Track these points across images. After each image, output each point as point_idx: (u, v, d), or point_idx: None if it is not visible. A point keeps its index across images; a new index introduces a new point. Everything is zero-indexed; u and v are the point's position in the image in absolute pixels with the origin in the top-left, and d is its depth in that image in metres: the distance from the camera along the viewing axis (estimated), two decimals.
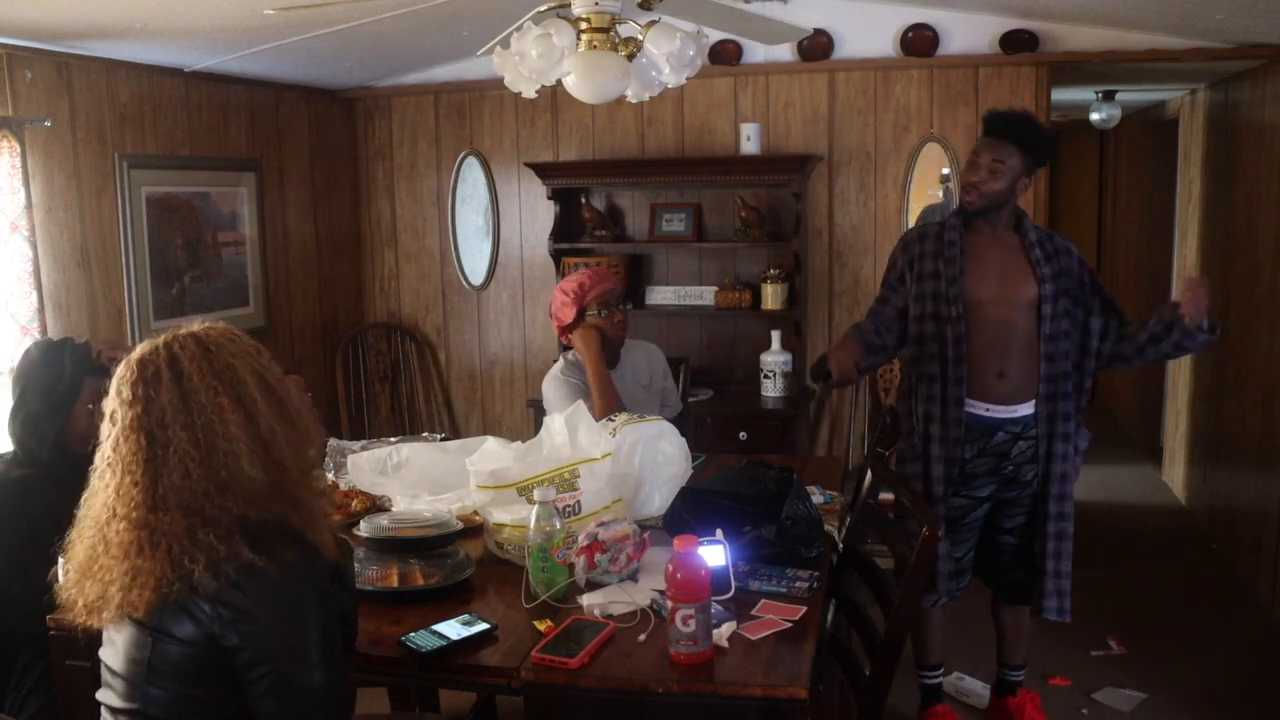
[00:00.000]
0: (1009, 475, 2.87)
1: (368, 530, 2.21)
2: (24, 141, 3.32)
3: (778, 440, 4.22)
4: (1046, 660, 3.70)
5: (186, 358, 1.52)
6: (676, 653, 1.82)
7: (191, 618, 1.46)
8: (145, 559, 1.46)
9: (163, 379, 1.50)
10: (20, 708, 2.29)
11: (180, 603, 1.46)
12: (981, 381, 2.82)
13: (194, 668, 1.48)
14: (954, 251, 2.84)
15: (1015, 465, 2.86)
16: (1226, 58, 4.12)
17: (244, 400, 1.52)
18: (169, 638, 1.47)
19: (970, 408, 2.83)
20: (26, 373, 2.40)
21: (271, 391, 1.55)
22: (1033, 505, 2.89)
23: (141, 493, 1.48)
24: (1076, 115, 6.82)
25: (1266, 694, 3.38)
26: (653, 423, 2.68)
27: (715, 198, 4.65)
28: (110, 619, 1.51)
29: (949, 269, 2.83)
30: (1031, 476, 2.86)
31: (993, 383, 2.82)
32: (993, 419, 2.83)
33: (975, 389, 2.83)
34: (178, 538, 1.45)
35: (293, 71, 4.51)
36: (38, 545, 2.13)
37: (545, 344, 4.99)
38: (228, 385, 1.51)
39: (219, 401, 1.50)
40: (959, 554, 2.95)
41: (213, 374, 1.51)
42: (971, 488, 2.89)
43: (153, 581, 1.45)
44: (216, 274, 4.32)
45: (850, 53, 4.45)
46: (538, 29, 2.46)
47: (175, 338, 1.55)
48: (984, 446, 2.85)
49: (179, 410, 1.49)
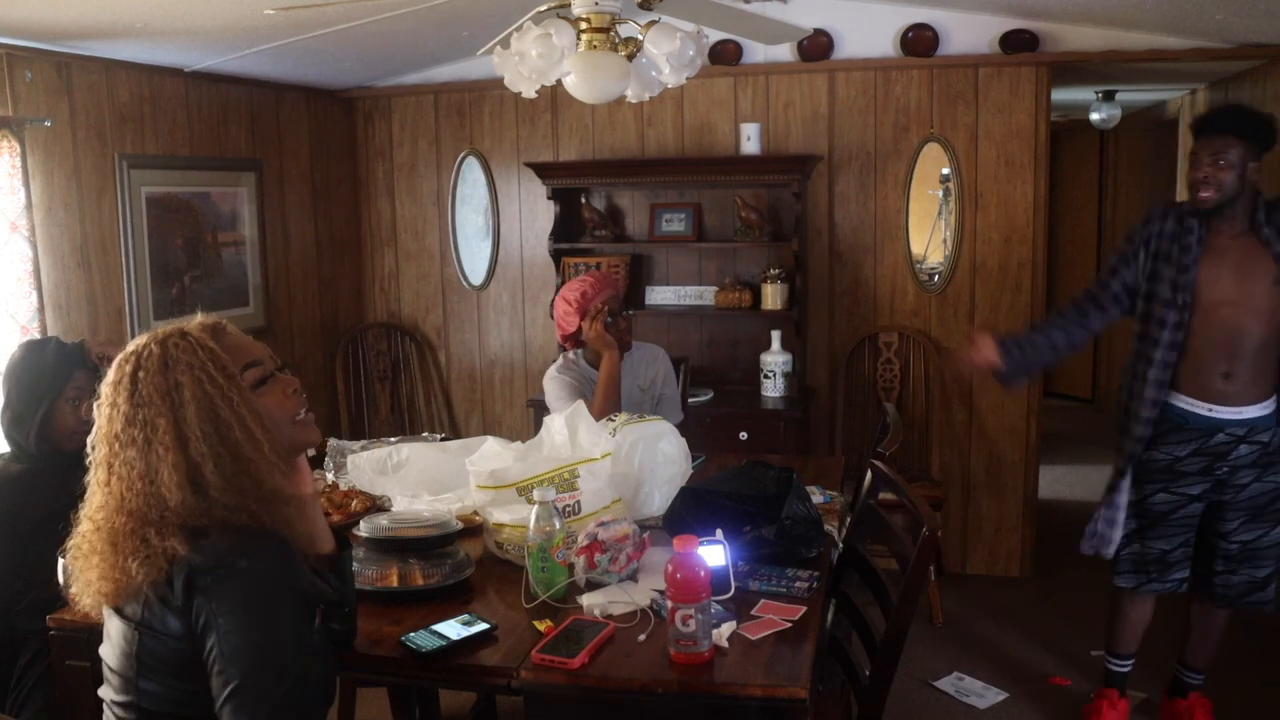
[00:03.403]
0: (1222, 477, 2.84)
1: (368, 530, 2.21)
2: (24, 141, 3.32)
3: (778, 440, 4.22)
4: (1047, 660, 3.70)
5: (145, 369, 1.54)
6: (676, 653, 1.82)
7: (173, 611, 1.49)
8: (108, 555, 1.51)
9: (123, 388, 1.54)
10: (20, 707, 2.29)
11: (161, 597, 1.49)
12: (1205, 381, 2.80)
13: (178, 662, 1.50)
14: (1190, 240, 2.76)
15: (1231, 468, 2.82)
16: (1226, 58, 4.12)
17: (180, 423, 1.52)
18: (153, 632, 1.50)
19: (1191, 406, 2.81)
20: (13, 369, 2.44)
21: (216, 416, 1.53)
22: (1251, 509, 2.84)
23: (104, 496, 1.54)
24: (1076, 115, 6.83)
25: (1266, 692, 3.38)
26: (653, 423, 2.68)
27: (715, 198, 4.65)
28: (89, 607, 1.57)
29: (1184, 256, 2.77)
30: (1250, 480, 2.82)
31: (1217, 383, 2.78)
32: (1216, 419, 2.80)
33: (1197, 388, 2.81)
34: (129, 537, 1.50)
35: (293, 71, 4.51)
36: (36, 542, 2.14)
37: (545, 344, 5.00)
38: (170, 406, 1.52)
39: (158, 421, 1.52)
40: (1168, 548, 2.91)
41: (159, 392, 1.52)
42: (1180, 485, 2.86)
43: (115, 574, 1.50)
44: (216, 274, 4.32)
45: (850, 53, 4.45)
46: (538, 29, 2.46)
47: (148, 343, 1.57)
48: (1201, 446, 2.82)
49: (128, 422, 1.53)
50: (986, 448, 4.48)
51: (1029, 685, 3.52)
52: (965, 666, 3.64)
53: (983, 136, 4.34)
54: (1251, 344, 2.76)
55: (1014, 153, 4.32)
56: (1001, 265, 4.39)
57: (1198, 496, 2.88)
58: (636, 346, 3.48)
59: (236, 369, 1.58)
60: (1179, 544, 2.92)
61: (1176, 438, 2.86)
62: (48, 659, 2.15)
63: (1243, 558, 2.89)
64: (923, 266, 4.55)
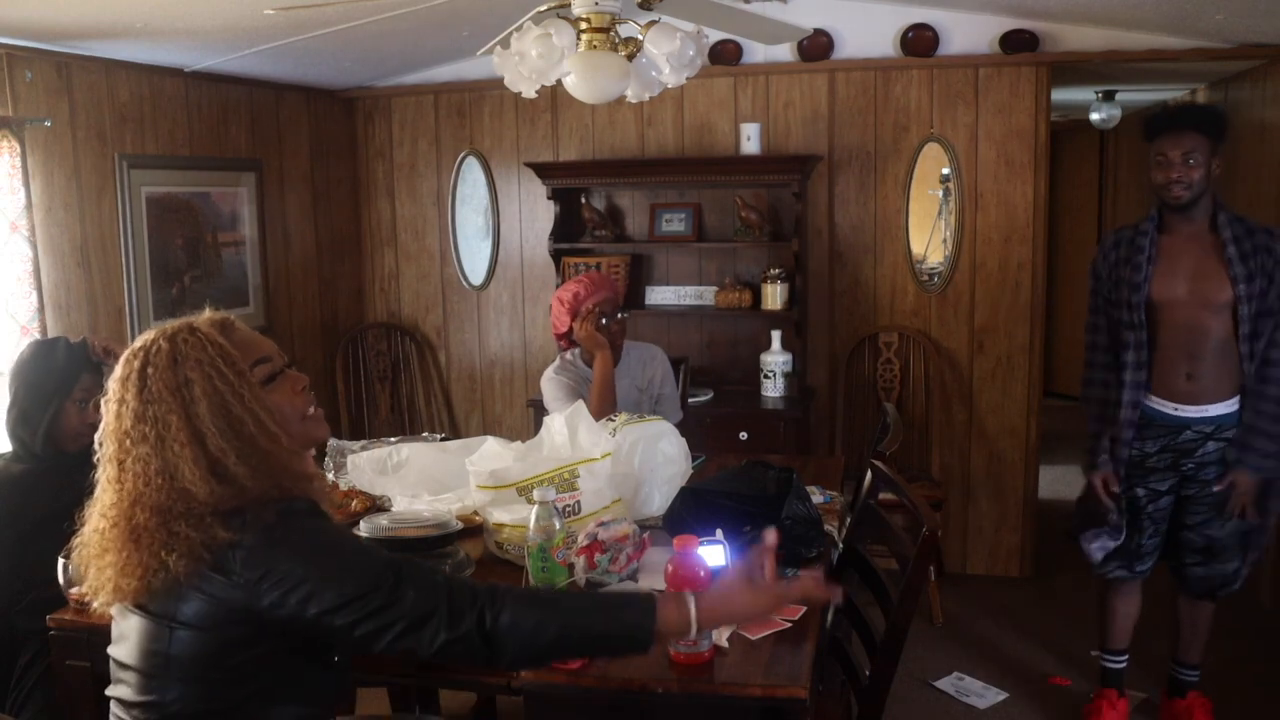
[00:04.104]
0: (1189, 473, 2.91)
1: (368, 530, 2.21)
2: (24, 141, 3.32)
3: (778, 440, 4.22)
4: (1047, 660, 3.70)
5: (154, 365, 1.52)
6: (676, 653, 1.82)
7: (208, 597, 1.47)
8: (130, 551, 1.49)
9: (131, 384, 1.52)
10: (20, 707, 2.30)
11: (194, 585, 1.47)
12: (1170, 381, 2.87)
13: (214, 660, 1.49)
14: (1141, 258, 2.86)
15: (1197, 464, 2.89)
16: (1226, 58, 4.12)
17: (193, 419, 1.50)
18: (183, 626, 1.48)
19: (1158, 405, 2.89)
20: (21, 369, 2.44)
21: (228, 412, 1.52)
22: (1216, 504, 2.90)
23: (116, 493, 1.52)
24: (1076, 115, 6.82)
25: (1266, 690, 3.38)
26: (653, 423, 2.68)
27: (715, 198, 4.65)
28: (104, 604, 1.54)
29: (1135, 275, 2.86)
30: (1214, 477, 2.88)
31: (1181, 384, 2.85)
32: (1181, 418, 2.87)
33: (1164, 389, 2.88)
34: (154, 532, 1.47)
35: (293, 71, 4.51)
36: (38, 542, 2.14)
37: (545, 344, 4.99)
38: (180, 402, 1.50)
39: (169, 418, 1.50)
40: (1141, 540, 2.98)
41: (169, 388, 1.51)
42: (1150, 481, 2.94)
43: (140, 571, 1.48)
44: (216, 274, 4.32)
45: (850, 53, 4.45)
46: (538, 29, 2.46)
47: (156, 339, 1.55)
48: (1169, 443, 2.90)
49: (138, 419, 1.51)
50: (986, 448, 4.48)
51: (1029, 685, 3.52)
52: (965, 666, 3.64)
53: (983, 136, 4.34)
54: (1211, 342, 2.82)
55: (1014, 153, 4.32)
56: (1001, 265, 4.39)
57: (1166, 491, 2.96)
58: (634, 346, 3.48)
59: (246, 365, 1.57)
60: (1149, 535, 3.00)
61: (1146, 434, 2.93)
62: (48, 659, 2.15)
63: (1211, 551, 2.95)
64: (923, 266, 4.55)
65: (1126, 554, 3.01)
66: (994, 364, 4.44)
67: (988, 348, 4.45)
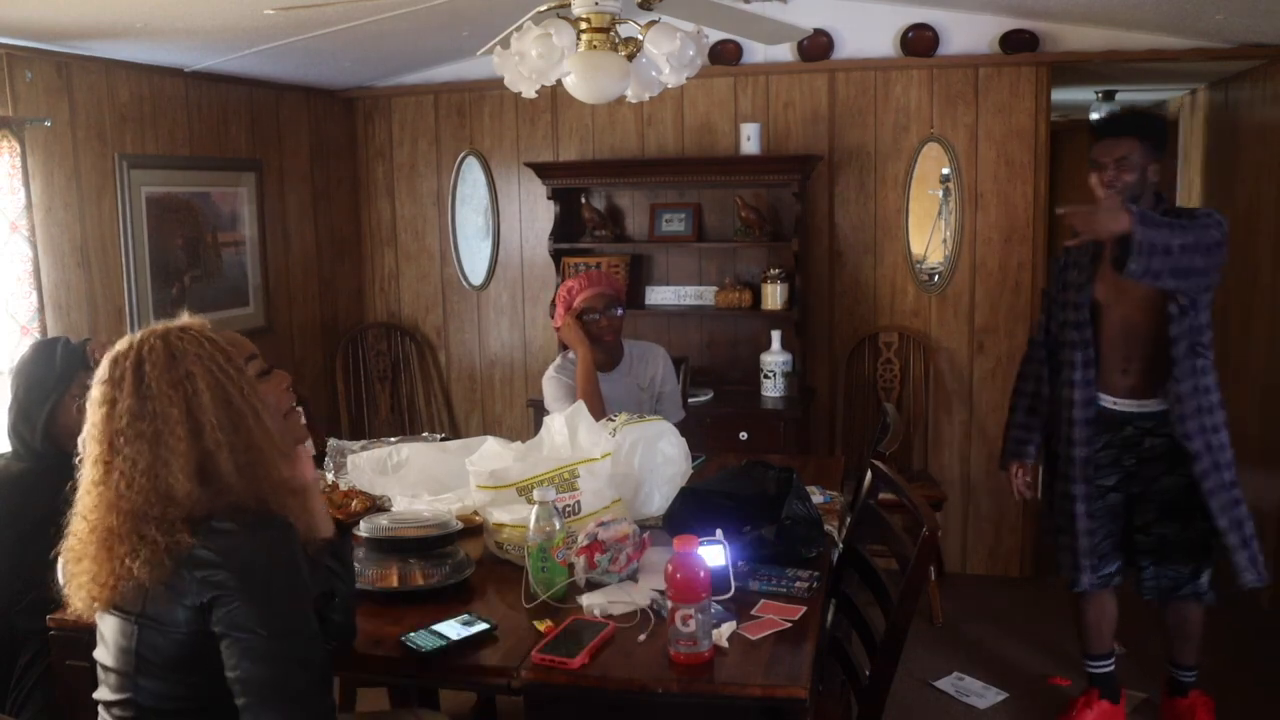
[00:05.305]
0: (1131, 469, 2.95)
1: (368, 530, 2.21)
2: (24, 141, 3.32)
3: (778, 440, 4.22)
4: (1046, 660, 3.70)
5: (151, 362, 1.53)
6: (676, 653, 1.82)
7: (182, 603, 1.48)
8: (103, 559, 1.50)
9: (126, 384, 1.53)
10: (20, 707, 2.29)
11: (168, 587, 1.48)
12: (1109, 377, 2.94)
13: (181, 655, 1.50)
14: (1085, 259, 2.93)
15: (1139, 459, 2.93)
16: (1226, 58, 4.12)
17: (194, 412, 1.52)
18: (154, 624, 1.50)
19: (1101, 401, 2.95)
20: (22, 368, 2.45)
21: (229, 404, 1.54)
22: (1162, 504, 2.93)
23: (97, 495, 1.53)
24: (1076, 115, 6.83)
25: (1266, 690, 3.38)
26: (653, 423, 2.68)
27: (715, 198, 4.65)
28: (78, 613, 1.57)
29: (1079, 276, 2.94)
30: (1159, 474, 2.91)
31: (1118, 378, 2.93)
32: (1122, 412, 2.93)
33: (1105, 384, 2.95)
34: (125, 538, 1.49)
35: (293, 71, 4.51)
36: (37, 541, 2.14)
37: (545, 344, 4.99)
38: (183, 396, 1.52)
39: (170, 412, 1.51)
40: (1095, 540, 3.00)
41: (170, 383, 1.52)
42: (1098, 476, 2.98)
43: (112, 580, 1.50)
44: (216, 274, 4.32)
45: (850, 53, 4.45)
46: (538, 29, 2.46)
47: (147, 338, 1.57)
48: (1111, 439, 2.95)
49: (135, 417, 1.51)
50: (986, 448, 4.48)
51: (1029, 685, 3.52)
52: (965, 666, 3.64)
53: (983, 136, 4.34)
54: (1143, 339, 2.88)
55: (1014, 153, 4.32)
56: (1001, 265, 4.39)
57: (1113, 487, 2.98)
58: (635, 345, 3.49)
59: (241, 360, 1.60)
60: (1103, 536, 3.00)
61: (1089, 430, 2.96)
62: (48, 659, 2.15)
63: (1163, 552, 2.96)
64: (923, 266, 4.55)
65: (1089, 554, 3.00)
66: (994, 364, 4.44)
67: (988, 348, 4.45)
